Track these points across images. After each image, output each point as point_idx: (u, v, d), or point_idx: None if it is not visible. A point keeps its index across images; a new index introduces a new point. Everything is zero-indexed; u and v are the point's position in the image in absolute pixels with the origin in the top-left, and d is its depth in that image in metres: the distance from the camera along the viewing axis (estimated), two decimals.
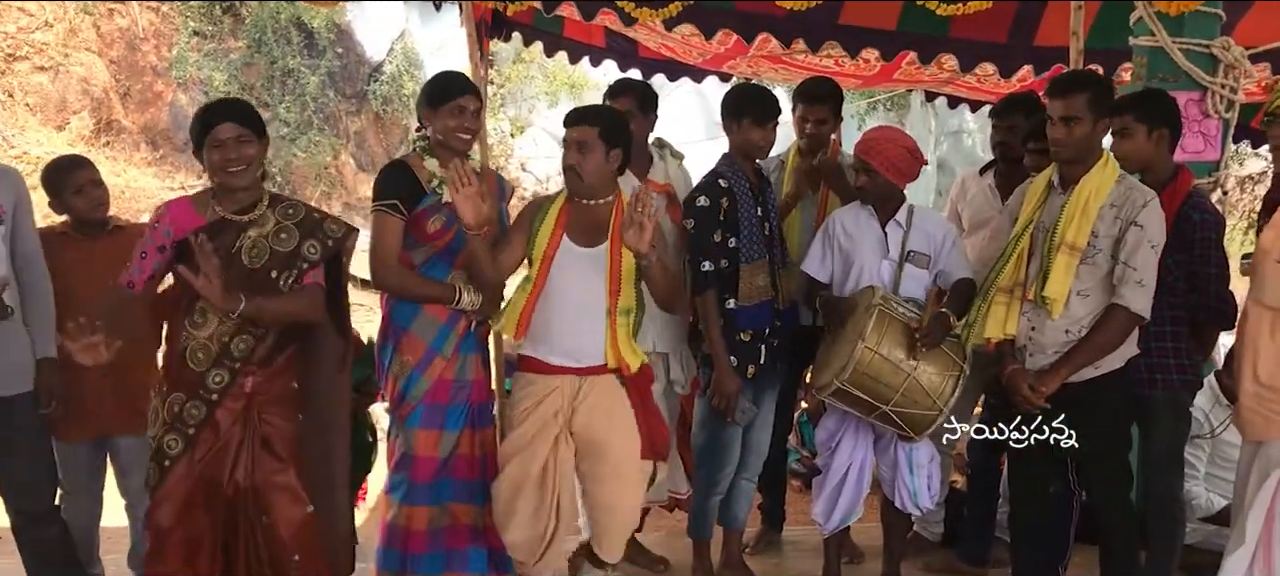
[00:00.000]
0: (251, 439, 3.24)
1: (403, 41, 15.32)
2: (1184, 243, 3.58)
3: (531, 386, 3.57)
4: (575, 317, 3.50)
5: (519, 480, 3.53)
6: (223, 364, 3.19)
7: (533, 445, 3.52)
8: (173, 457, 3.19)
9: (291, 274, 3.24)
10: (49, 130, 11.98)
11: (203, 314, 3.18)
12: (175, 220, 3.17)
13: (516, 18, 5.53)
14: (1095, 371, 3.45)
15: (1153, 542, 3.78)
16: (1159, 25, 4.13)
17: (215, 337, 3.18)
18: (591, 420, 3.54)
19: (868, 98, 15.41)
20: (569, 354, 3.53)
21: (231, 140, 3.14)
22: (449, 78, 3.69)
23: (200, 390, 3.18)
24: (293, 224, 3.27)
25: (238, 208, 3.22)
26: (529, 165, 15.90)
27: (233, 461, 3.22)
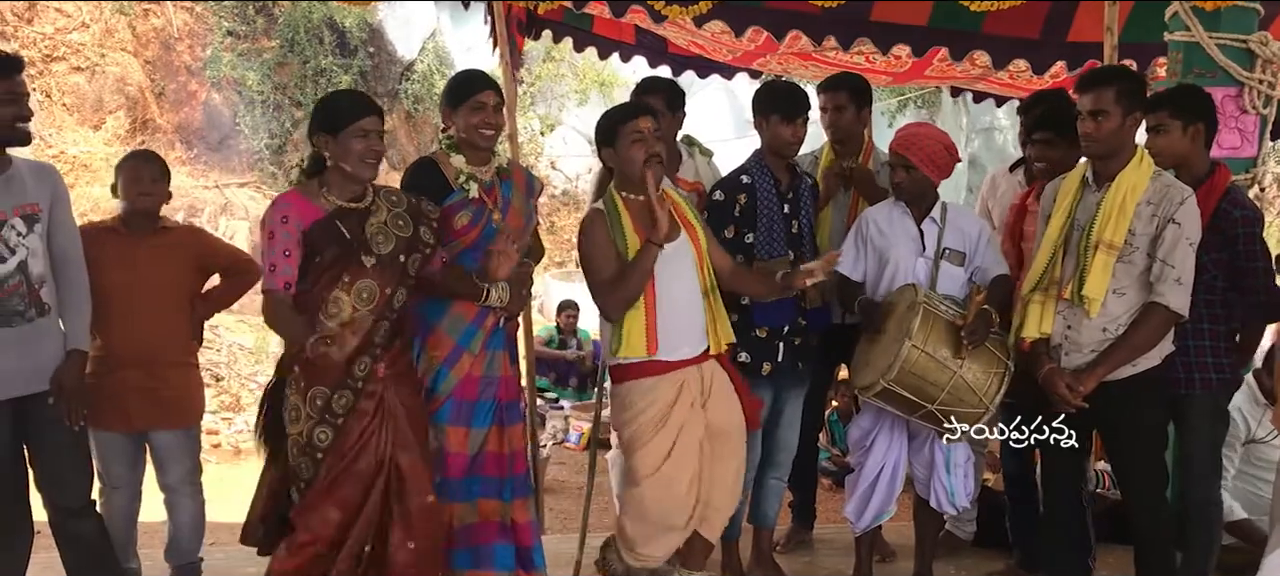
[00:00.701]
0: (387, 419, 3.30)
1: (434, 41, 15.38)
2: (1224, 240, 3.55)
3: (658, 387, 3.58)
4: (683, 310, 3.58)
5: (671, 488, 3.58)
6: (367, 351, 3.26)
7: (680, 446, 3.57)
8: (325, 448, 3.24)
9: (416, 258, 3.35)
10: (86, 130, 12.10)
11: (337, 303, 3.23)
12: (300, 213, 3.22)
13: (546, 15, 5.54)
14: (1133, 370, 3.42)
15: (1189, 543, 3.74)
16: (1195, 20, 4.08)
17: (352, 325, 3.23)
18: (720, 406, 3.66)
19: (898, 95, 15.34)
20: (688, 346, 3.61)
21: (375, 133, 3.24)
22: (467, 75, 3.72)
23: (346, 379, 3.24)
24: (403, 210, 3.37)
25: (351, 197, 3.29)
26: (559, 163, 15.91)
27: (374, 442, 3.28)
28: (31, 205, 3.37)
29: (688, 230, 3.63)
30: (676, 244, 3.57)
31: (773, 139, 3.98)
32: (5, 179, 3.32)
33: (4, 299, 3.30)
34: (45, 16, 12.53)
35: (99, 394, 3.77)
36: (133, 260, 3.78)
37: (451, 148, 3.63)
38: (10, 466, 3.43)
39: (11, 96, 3.25)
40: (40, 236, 3.39)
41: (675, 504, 3.59)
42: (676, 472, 3.57)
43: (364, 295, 3.26)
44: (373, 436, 3.28)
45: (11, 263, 3.31)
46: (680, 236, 3.59)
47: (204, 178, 12.71)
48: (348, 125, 3.22)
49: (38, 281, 3.38)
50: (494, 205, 3.62)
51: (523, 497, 3.71)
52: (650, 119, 3.61)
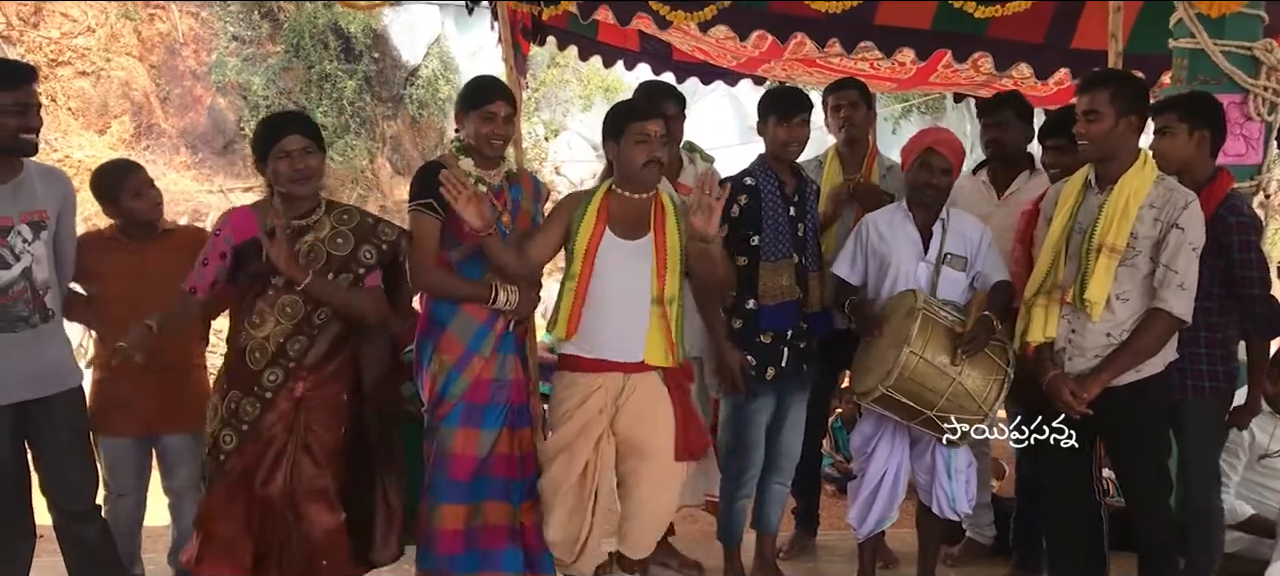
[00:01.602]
0: (295, 444, 3.33)
1: (439, 46, 15.37)
2: (1220, 246, 3.54)
3: (574, 385, 3.58)
4: (621, 312, 3.52)
5: (560, 479, 3.56)
6: (278, 363, 3.31)
7: (575, 444, 3.55)
8: (227, 452, 3.30)
9: (348, 277, 3.37)
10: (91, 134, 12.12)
11: (261, 314, 3.30)
12: (236, 227, 3.32)
13: (551, 22, 5.54)
14: (1136, 375, 3.41)
15: (1193, 550, 3.73)
16: (1200, 27, 4.08)
17: (272, 337, 3.29)
18: (635, 419, 3.56)
19: (902, 101, 15.33)
20: (614, 349, 3.54)
21: (298, 151, 3.30)
22: (482, 82, 3.72)
23: (255, 387, 3.29)
24: (348, 229, 3.40)
25: (297, 214, 3.34)
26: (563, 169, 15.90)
27: (273, 463, 3.31)
28: (39, 212, 3.38)
29: (658, 235, 3.55)
30: (636, 243, 3.54)
31: (772, 141, 4.00)
32: (14, 185, 3.34)
33: (8, 305, 3.31)
34: (51, 21, 12.55)
35: (110, 399, 3.79)
36: (140, 265, 3.79)
37: (461, 151, 3.64)
38: (13, 470, 3.44)
39: (18, 107, 3.26)
40: (46, 243, 3.41)
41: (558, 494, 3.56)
42: (565, 468, 3.56)
43: (287, 310, 3.33)
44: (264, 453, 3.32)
45: (16, 269, 3.32)
46: (645, 238, 3.55)
47: (208, 182, 12.72)
48: (271, 148, 3.29)
49: (42, 287, 3.39)
50: (503, 208, 3.63)
51: (532, 501, 3.71)
52: (660, 123, 3.60)
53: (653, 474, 3.60)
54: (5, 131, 3.25)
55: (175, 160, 12.81)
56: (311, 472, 3.35)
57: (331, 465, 3.40)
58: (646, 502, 3.64)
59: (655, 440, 3.58)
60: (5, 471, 3.42)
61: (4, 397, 3.35)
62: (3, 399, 3.35)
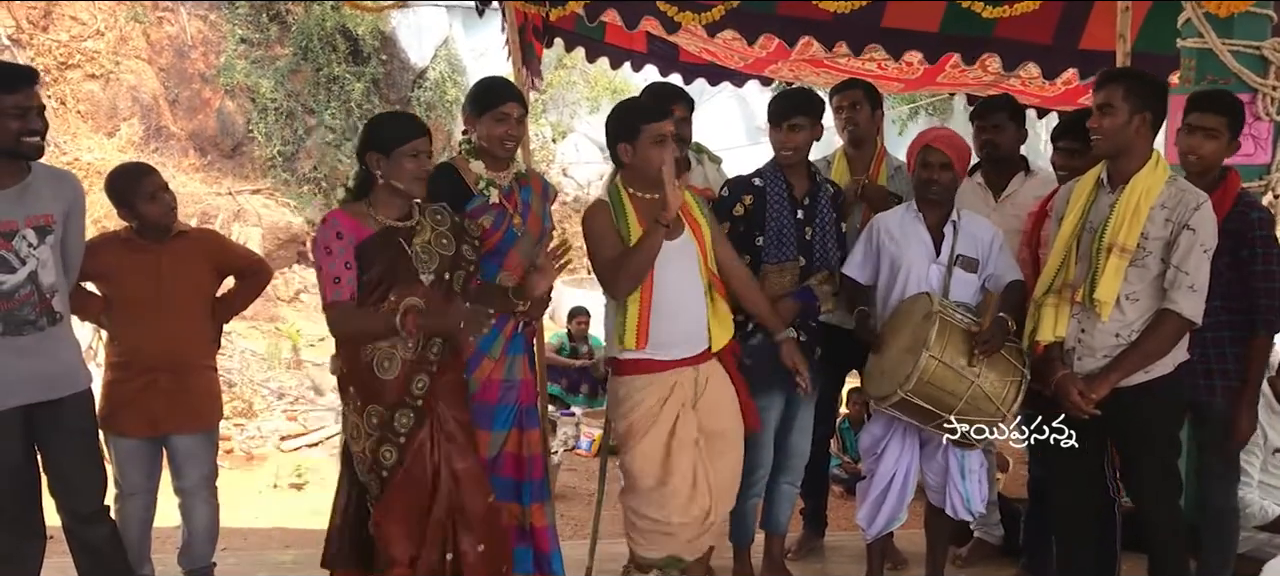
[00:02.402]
0: (438, 432, 3.32)
1: (446, 48, 15.39)
2: (1240, 243, 3.54)
3: (649, 387, 3.59)
4: (683, 307, 3.58)
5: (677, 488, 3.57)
6: (423, 369, 3.28)
7: (674, 452, 3.57)
8: (390, 467, 3.25)
9: (459, 276, 3.37)
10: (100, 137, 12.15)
11: None
12: (350, 229, 3.23)
13: (558, 24, 5.55)
14: (1145, 376, 3.40)
15: (1205, 551, 3.72)
16: (1207, 27, 4.07)
17: (400, 345, 3.24)
18: (714, 407, 3.66)
19: (910, 103, 15.31)
20: (685, 347, 3.60)
21: (425, 154, 3.26)
22: (494, 83, 3.72)
23: (406, 397, 3.26)
24: (445, 228, 3.39)
25: (398, 215, 3.30)
26: (570, 170, 15.91)
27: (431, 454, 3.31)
28: (45, 216, 3.39)
29: (693, 227, 3.63)
30: (679, 241, 3.58)
31: (771, 143, 4.03)
32: (20, 189, 3.34)
33: (15, 308, 3.32)
34: (60, 24, 12.59)
35: (120, 399, 3.80)
36: (155, 266, 3.81)
37: (471, 153, 3.65)
38: (23, 472, 3.46)
39: (19, 111, 3.25)
40: (52, 247, 3.41)
41: (679, 503, 3.57)
42: (678, 483, 3.57)
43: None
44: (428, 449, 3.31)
45: (21, 273, 3.33)
46: (683, 233, 3.60)
47: (217, 185, 12.75)
48: (399, 145, 3.24)
49: (49, 291, 3.40)
50: (514, 210, 3.64)
51: (541, 502, 3.72)
52: (672, 122, 3.65)
53: (732, 455, 3.73)
54: (6, 135, 3.24)
55: (184, 163, 12.84)
56: (459, 455, 3.35)
57: (473, 445, 3.43)
58: (729, 480, 3.74)
59: (731, 421, 3.71)
60: (15, 473, 3.43)
61: (13, 400, 3.36)
62: (12, 401, 3.36)
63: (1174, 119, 3.84)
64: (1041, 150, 14.98)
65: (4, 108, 3.23)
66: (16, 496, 3.45)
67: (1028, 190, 4.37)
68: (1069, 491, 3.71)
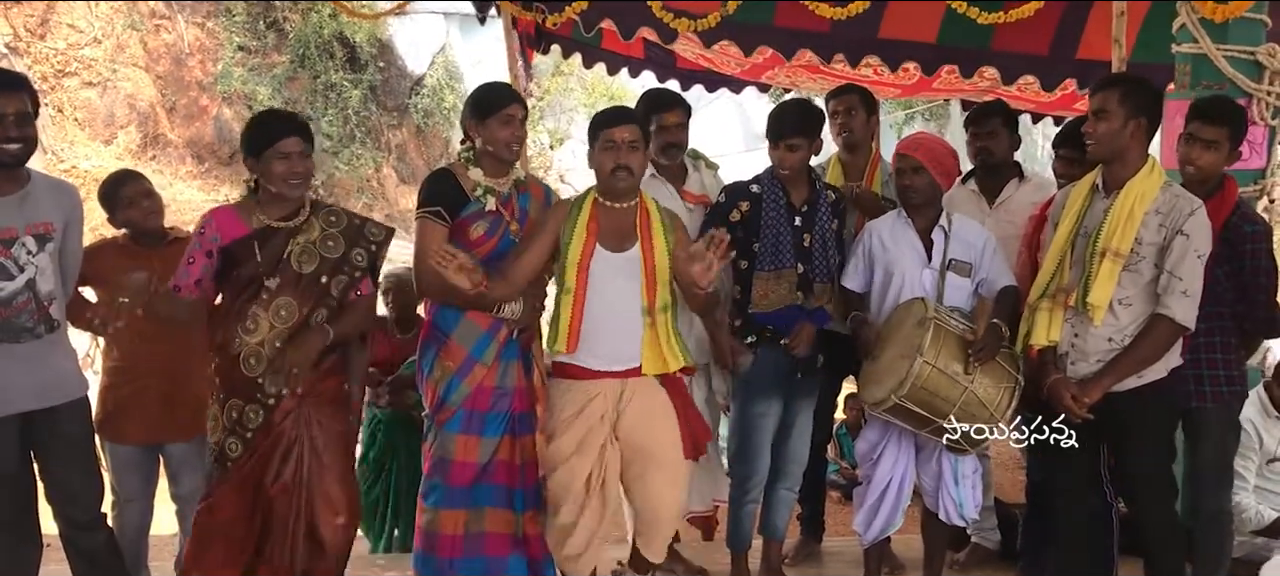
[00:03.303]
0: (304, 438, 3.33)
1: (444, 55, 15.43)
2: (1234, 253, 3.55)
3: (571, 393, 3.58)
4: (615, 322, 3.51)
5: (566, 484, 3.56)
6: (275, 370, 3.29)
7: (579, 452, 3.55)
8: (234, 459, 3.30)
9: (341, 280, 3.36)
10: (97, 145, 12.16)
11: (254, 319, 3.29)
12: (221, 227, 3.30)
13: (555, 30, 5.56)
14: (1139, 381, 3.41)
15: (1200, 555, 3.73)
16: (1202, 32, 4.08)
17: (268, 342, 3.28)
18: (637, 423, 3.56)
19: (906, 108, 15.35)
20: (610, 358, 3.55)
21: (297, 154, 3.27)
22: (496, 87, 3.73)
23: (258, 394, 3.28)
24: (337, 231, 3.39)
25: (283, 215, 3.32)
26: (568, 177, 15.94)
27: (283, 458, 3.32)
28: (44, 224, 3.39)
29: (645, 245, 3.56)
30: (624, 255, 3.54)
31: (770, 158, 4.02)
32: (20, 197, 3.34)
33: (13, 316, 3.32)
34: (57, 32, 12.60)
35: (117, 406, 3.81)
36: (149, 272, 3.80)
37: (470, 160, 3.64)
38: (19, 480, 3.45)
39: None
40: (51, 255, 3.40)
41: (566, 504, 3.56)
42: (570, 477, 3.55)
43: (282, 313, 3.31)
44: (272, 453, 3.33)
45: (20, 280, 3.33)
46: (632, 249, 3.55)
47: (215, 192, 12.75)
48: (268, 147, 3.27)
49: (47, 298, 3.40)
50: (511, 217, 3.64)
51: (535, 509, 3.72)
52: (630, 128, 3.55)
53: (661, 473, 3.60)
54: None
55: (181, 170, 12.86)
56: (318, 469, 3.36)
57: (339, 461, 3.42)
58: (659, 501, 3.64)
59: (660, 440, 3.59)
60: (12, 480, 3.43)
61: (9, 408, 3.36)
62: (8, 409, 3.36)
63: (1172, 124, 3.85)
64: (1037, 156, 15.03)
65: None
66: (13, 503, 3.45)
67: (1022, 196, 4.37)
68: (1066, 496, 3.71)
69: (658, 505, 3.64)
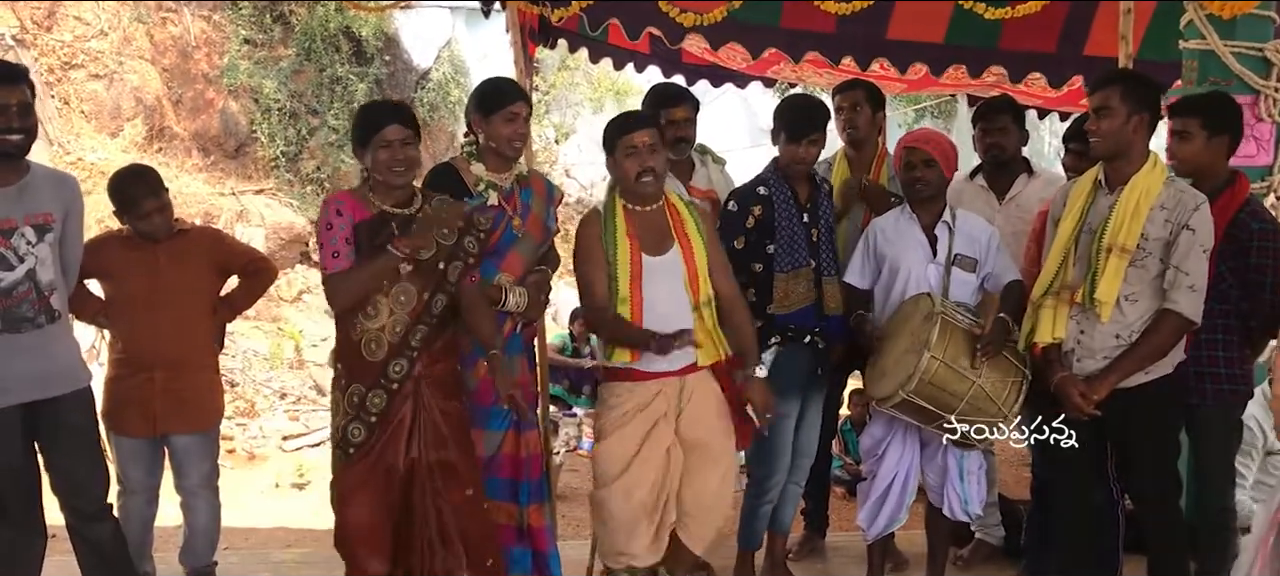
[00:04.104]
0: (422, 419, 3.35)
1: (449, 49, 15.40)
2: (1239, 250, 3.54)
3: (632, 393, 3.57)
4: (672, 324, 3.50)
5: (632, 490, 3.55)
6: (403, 353, 3.32)
7: (644, 456, 3.55)
8: (356, 445, 3.31)
9: (457, 266, 3.39)
10: (103, 137, 12.15)
11: (375, 304, 3.30)
12: (351, 209, 3.31)
13: (562, 25, 5.55)
14: (1146, 376, 3.41)
15: (1203, 553, 3.72)
16: (1210, 28, 4.07)
17: (388, 328, 3.30)
18: (697, 420, 3.61)
19: (915, 104, 15.32)
20: (670, 360, 3.54)
21: (398, 142, 3.29)
22: (501, 83, 3.73)
23: (381, 379, 3.30)
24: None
25: (396, 202, 3.34)
26: (573, 171, 15.92)
27: (407, 443, 3.34)
28: (44, 215, 3.41)
29: (682, 243, 3.59)
30: (666, 257, 3.57)
31: (783, 156, 4.01)
32: (19, 188, 3.36)
33: (13, 306, 3.34)
34: (64, 24, 12.60)
35: (121, 398, 3.81)
36: (154, 265, 3.81)
37: (472, 155, 3.65)
38: (23, 470, 3.47)
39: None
40: (51, 245, 3.42)
41: (634, 510, 3.56)
42: (637, 480, 3.55)
43: (401, 299, 3.32)
44: (398, 436, 3.33)
45: (20, 270, 3.35)
46: (671, 249, 3.58)
47: (220, 185, 12.75)
48: (373, 136, 3.28)
49: (47, 288, 3.41)
50: (513, 211, 3.64)
51: (539, 502, 3.72)
52: (649, 132, 3.58)
53: (717, 468, 3.66)
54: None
55: (187, 163, 12.85)
56: (437, 443, 3.38)
57: (458, 438, 3.43)
58: (713, 498, 3.69)
59: (717, 437, 3.65)
60: (16, 471, 3.44)
61: (12, 398, 3.37)
62: (11, 399, 3.37)
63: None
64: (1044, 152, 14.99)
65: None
66: (17, 494, 3.46)
67: (1032, 191, 4.37)
68: (1071, 493, 3.71)
69: (709, 499, 3.69)
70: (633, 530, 3.57)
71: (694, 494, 3.67)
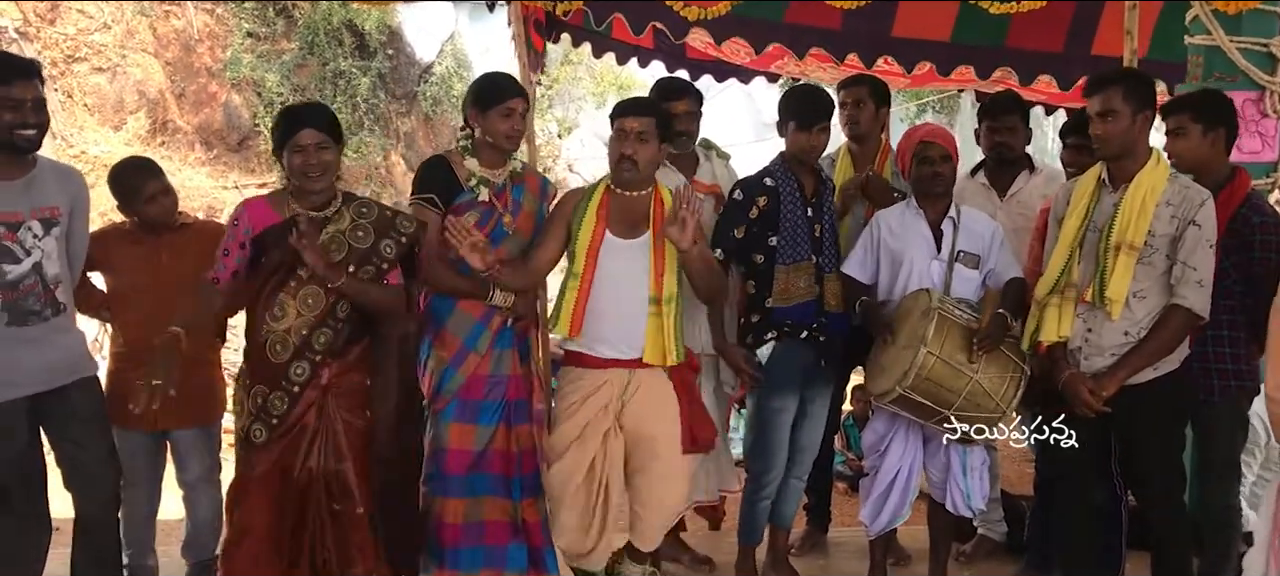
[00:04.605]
0: (326, 429, 3.36)
1: (453, 43, 15.42)
2: (1242, 245, 3.53)
3: (580, 380, 3.59)
4: (620, 311, 3.52)
5: (569, 473, 3.57)
6: (305, 356, 3.33)
7: (582, 439, 3.56)
8: (258, 446, 3.32)
9: (369, 270, 3.38)
10: (106, 130, 12.17)
11: (282, 306, 3.32)
12: (253, 218, 3.34)
13: (565, 19, 5.54)
14: (1154, 373, 3.40)
15: (1208, 549, 3.72)
16: (1216, 24, 4.06)
17: (294, 330, 3.31)
18: (641, 413, 3.57)
19: (918, 99, 15.31)
20: (615, 347, 3.56)
21: (312, 147, 3.31)
22: (498, 79, 3.72)
23: (283, 381, 3.31)
24: (368, 222, 3.41)
25: (314, 206, 3.36)
26: (576, 166, 15.94)
27: (307, 450, 3.34)
28: (51, 209, 3.41)
29: (656, 235, 3.56)
30: (635, 242, 3.56)
31: (792, 145, 3.98)
32: (26, 181, 3.36)
33: (20, 298, 3.34)
34: (67, 17, 12.62)
35: (123, 392, 3.80)
36: (155, 259, 3.82)
37: (466, 150, 3.65)
38: (29, 462, 3.46)
39: (12, 103, 3.24)
40: (57, 239, 3.43)
41: (568, 491, 3.58)
42: (573, 464, 3.58)
43: (309, 301, 3.34)
44: (298, 442, 3.34)
45: (27, 263, 3.35)
46: (642, 237, 3.57)
47: (223, 178, 12.77)
48: (288, 140, 3.31)
49: (53, 282, 3.41)
50: (504, 207, 3.64)
51: (532, 497, 3.72)
52: (641, 120, 3.55)
53: (660, 466, 3.62)
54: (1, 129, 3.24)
55: (190, 156, 12.87)
56: (338, 459, 3.38)
57: (357, 454, 3.43)
58: (655, 494, 3.66)
59: (662, 433, 3.61)
60: (21, 462, 3.44)
61: (18, 390, 3.37)
62: (18, 392, 3.37)
63: None
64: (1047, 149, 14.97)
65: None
66: (23, 485, 3.46)
67: (1033, 188, 4.36)
68: (1075, 489, 3.70)
69: (651, 497, 3.66)
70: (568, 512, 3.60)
71: (636, 489, 3.67)
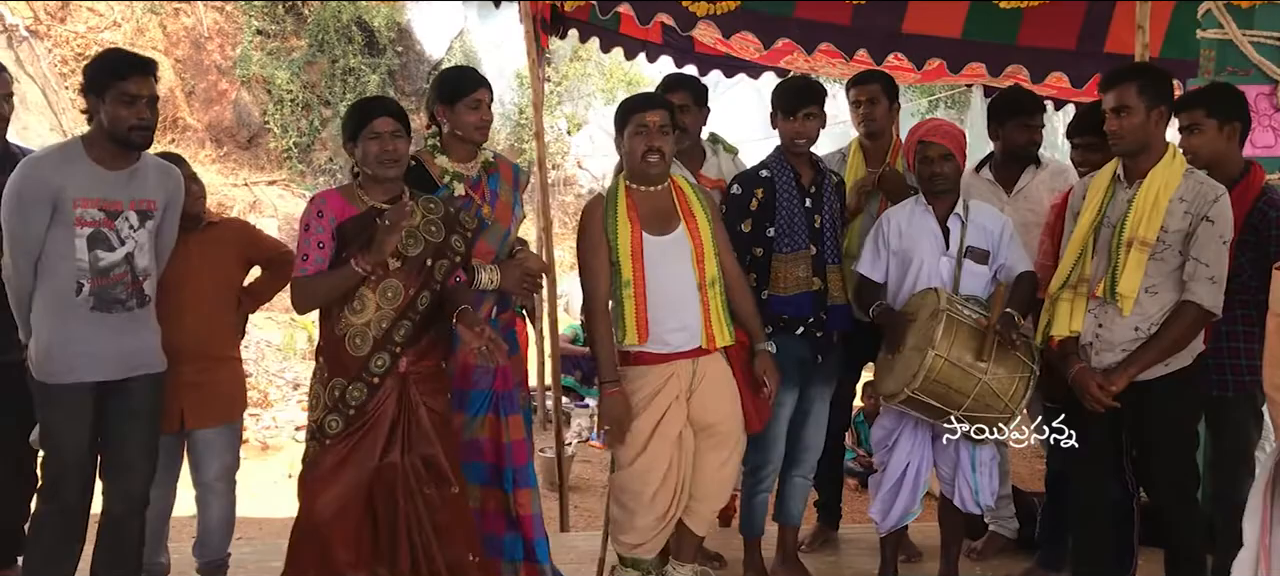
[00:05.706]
0: (407, 416, 3.36)
1: (462, 39, 15.43)
2: (1258, 239, 3.52)
3: (646, 376, 3.61)
4: (677, 305, 3.57)
5: (647, 474, 3.60)
6: (385, 348, 3.32)
7: (659, 435, 3.59)
8: (332, 436, 3.31)
9: (443, 264, 3.40)
10: None
11: (362, 300, 3.31)
12: (335, 209, 3.32)
13: (573, 14, 5.54)
14: (1165, 369, 3.39)
15: (1222, 546, 3.70)
16: (1228, 18, 4.05)
17: (374, 323, 3.31)
18: (706, 403, 3.64)
19: (928, 94, 15.25)
20: (680, 340, 3.59)
21: (387, 133, 3.31)
22: (464, 72, 3.77)
23: (362, 373, 3.31)
24: (437, 217, 3.43)
25: (386, 198, 3.36)
26: (585, 162, 15.93)
27: (387, 440, 3.34)
28: (149, 202, 3.48)
29: (688, 222, 3.63)
30: (671, 237, 3.60)
31: (781, 134, 4.02)
32: (129, 173, 3.44)
33: (109, 286, 3.40)
34: (78, 15, 12.66)
35: None
36: (184, 256, 3.81)
37: (435, 148, 3.67)
38: (90, 449, 3.49)
39: (127, 98, 3.33)
40: (150, 232, 3.49)
41: (649, 491, 3.60)
42: (652, 462, 3.60)
43: (388, 294, 3.32)
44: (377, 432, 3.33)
45: (120, 252, 3.41)
46: (677, 230, 3.61)
47: (233, 176, 12.81)
48: (362, 129, 3.31)
49: (142, 274, 3.48)
50: (482, 199, 3.65)
51: (526, 488, 3.72)
52: (660, 113, 3.61)
53: (722, 451, 3.70)
54: (116, 121, 3.33)
55: (200, 154, 12.90)
56: (423, 441, 3.38)
57: (443, 435, 3.43)
58: (716, 481, 3.73)
59: (727, 418, 3.68)
60: (81, 448, 3.45)
61: (91, 374, 3.40)
62: (90, 376, 3.40)
63: None
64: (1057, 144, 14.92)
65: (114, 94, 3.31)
66: (78, 475, 3.47)
67: (1040, 183, 4.34)
68: (1087, 485, 3.69)
69: (711, 485, 3.72)
70: (647, 512, 3.62)
71: (700, 476, 3.70)
